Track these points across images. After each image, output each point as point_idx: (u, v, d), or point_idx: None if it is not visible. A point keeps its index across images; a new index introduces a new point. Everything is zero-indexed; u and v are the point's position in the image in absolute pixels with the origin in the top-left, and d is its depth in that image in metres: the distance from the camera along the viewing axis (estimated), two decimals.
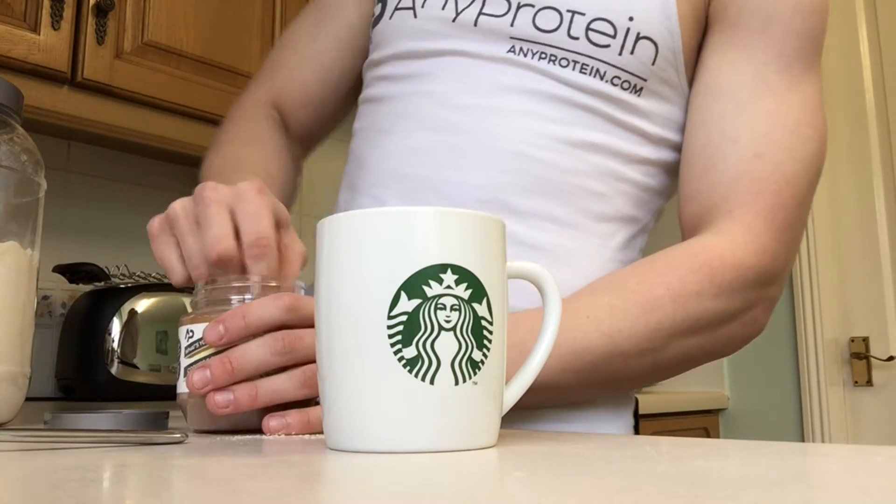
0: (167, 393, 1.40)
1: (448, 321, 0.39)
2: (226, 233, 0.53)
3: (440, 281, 0.39)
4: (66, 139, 1.57)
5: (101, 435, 0.44)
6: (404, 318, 0.39)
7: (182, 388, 0.52)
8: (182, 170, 1.65)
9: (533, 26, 0.66)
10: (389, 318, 0.39)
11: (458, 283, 0.40)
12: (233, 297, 0.53)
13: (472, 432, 0.40)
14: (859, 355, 2.18)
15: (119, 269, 1.48)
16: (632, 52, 0.65)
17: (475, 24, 0.68)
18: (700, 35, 0.68)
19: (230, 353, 0.49)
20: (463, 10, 0.69)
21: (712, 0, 0.67)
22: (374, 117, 0.75)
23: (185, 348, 0.52)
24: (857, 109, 2.25)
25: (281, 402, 0.50)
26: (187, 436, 0.45)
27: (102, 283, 1.44)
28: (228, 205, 0.55)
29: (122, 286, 1.42)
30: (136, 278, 1.47)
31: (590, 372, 0.58)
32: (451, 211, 0.42)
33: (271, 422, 0.49)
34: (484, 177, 0.66)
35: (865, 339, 2.19)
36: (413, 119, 0.70)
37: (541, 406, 0.63)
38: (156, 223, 0.57)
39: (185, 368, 0.52)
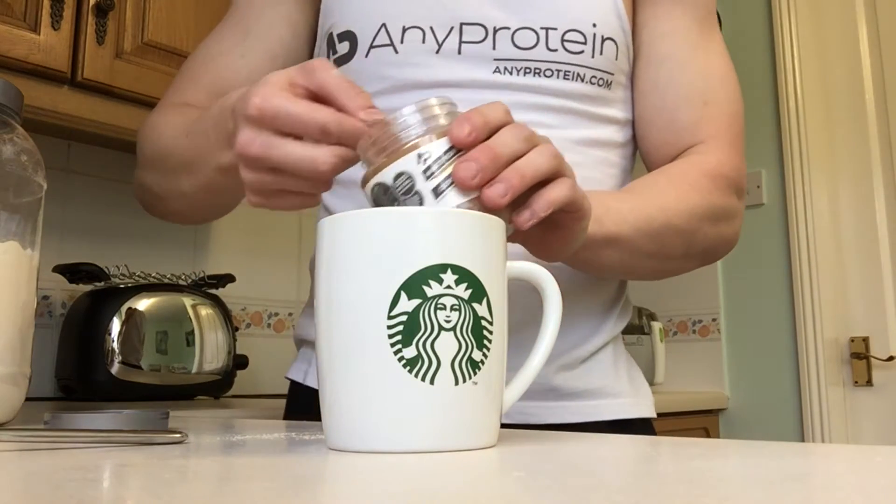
0: (167, 393, 1.41)
1: (448, 321, 0.39)
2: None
3: (440, 281, 0.39)
4: (66, 139, 1.57)
5: (101, 435, 0.44)
6: (404, 318, 0.39)
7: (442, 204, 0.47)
8: None
9: (513, 46, 0.72)
10: (389, 318, 0.39)
11: (458, 283, 0.40)
12: (435, 114, 0.50)
13: (472, 432, 0.40)
14: (859, 355, 2.18)
15: (119, 269, 1.48)
16: (601, 53, 0.74)
17: (459, 53, 0.72)
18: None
19: (488, 143, 0.48)
20: (443, 41, 0.72)
21: None
22: None
23: (425, 172, 0.48)
24: (857, 109, 2.25)
25: (542, 179, 0.49)
26: (187, 436, 0.45)
27: (102, 283, 1.44)
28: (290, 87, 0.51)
29: (122, 286, 1.42)
30: (136, 278, 1.47)
31: (654, 238, 0.66)
32: (451, 211, 0.42)
33: (524, 214, 0.48)
34: None
35: (865, 339, 2.19)
36: None
37: (613, 270, 0.69)
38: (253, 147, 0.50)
39: (434, 189, 0.47)
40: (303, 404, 0.78)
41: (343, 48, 0.76)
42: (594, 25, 0.73)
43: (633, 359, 0.82)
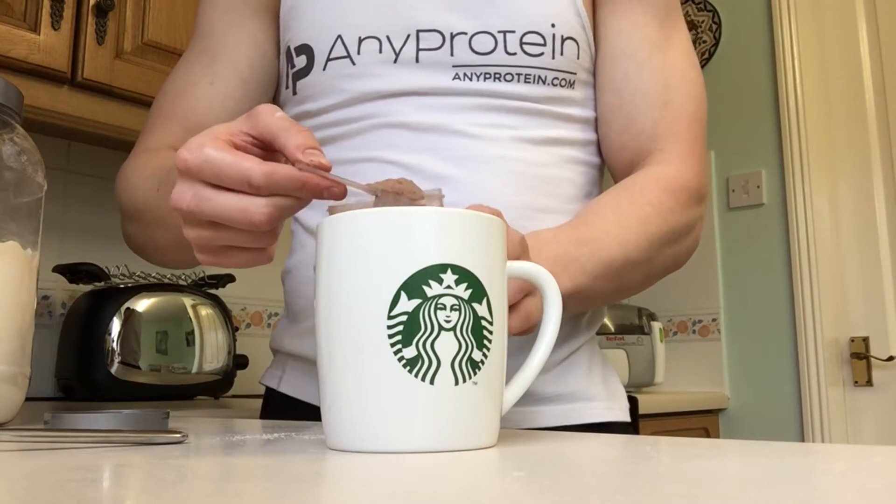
0: (167, 393, 1.41)
1: (448, 321, 0.39)
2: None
3: (440, 281, 0.39)
4: (66, 139, 1.57)
5: (101, 435, 0.44)
6: (404, 318, 0.39)
7: None
8: None
9: (471, 51, 0.71)
10: (389, 318, 0.39)
11: (458, 283, 0.40)
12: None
13: (472, 432, 0.40)
14: (859, 355, 2.18)
15: (119, 269, 1.48)
16: (562, 54, 0.73)
17: (417, 61, 0.71)
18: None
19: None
20: (401, 50, 0.71)
21: None
22: (330, 156, 0.71)
23: None
24: (857, 109, 2.25)
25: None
26: (187, 436, 0.45)
27: (102, 283, 1.44)
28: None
29: (122, 286, 1.42)
30: (136, 278, 1.47)
31: (613, 279, 0.66)
32: (451, 211, 0.42)
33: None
34: (479, 182, 0.69)
35: (865, 339, 2.19)
36: (388, 147, 0.71)
37: (577, 311, 0.71)
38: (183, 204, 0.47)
39: None
40: (277, 410, 0.77)
41: (300, 62, 0.75)
42: (553, 26, 0.72)
43: (633, 359, 0.82)
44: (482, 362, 0.40)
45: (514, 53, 0.71)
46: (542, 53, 0.72)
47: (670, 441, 0.46)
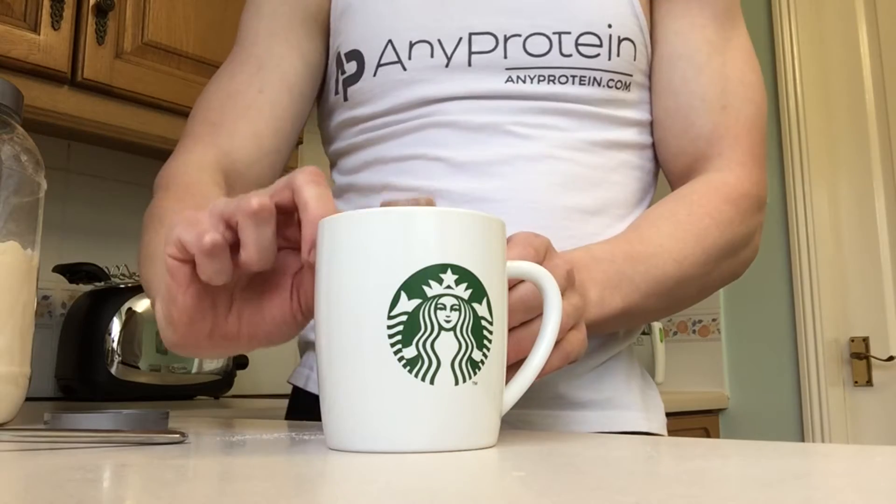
0: (167, 393, 1.41)
1: (448, 321, 0.39)
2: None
3: (440, 281, 0.39)
4: (66, 139, 1.57)
5: (101, 435, 0.44)
6: (404, 318, 0.39)
7: None
8: None
9: (525, 53, 0.70)
10: (389, 318, 0.39)
11: (458, 283, 0.40)
12: None
13: (472, 432, 0.40)
14: (859, 355, 2.18)
15: (119, 269, 1.48)
16: (618, 55, 0.71)
17: (469, 65, 0.70)
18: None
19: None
20: (452, 53, 0.70)
21: None
22: (378, 154, 0.73)
23: None
24: (857, 109, 2.25)
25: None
26: (187, 436, 0.45)
27: (102, 283, 1.44)
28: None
29: (122, 286, 1.42)
30: (136, 278, 1.47)
31: (665, 296, 0.64)
32: (451, 211, 0.42)
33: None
34: (526, 181, 0.68)
35: (865, 339, 2.19)
36: (435, 144, 0.70)
37: (624, 328, 0.70)
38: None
39: None
40: (304, 409, 0.76)
41: (351, 68, 0.74)
42: (609, 26, 0.71)
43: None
44: (482, 362, 0.40)
45: (570, 55, 0.70)
46: (598, 55, 0.70)
47: (670, 441, 0.46)
